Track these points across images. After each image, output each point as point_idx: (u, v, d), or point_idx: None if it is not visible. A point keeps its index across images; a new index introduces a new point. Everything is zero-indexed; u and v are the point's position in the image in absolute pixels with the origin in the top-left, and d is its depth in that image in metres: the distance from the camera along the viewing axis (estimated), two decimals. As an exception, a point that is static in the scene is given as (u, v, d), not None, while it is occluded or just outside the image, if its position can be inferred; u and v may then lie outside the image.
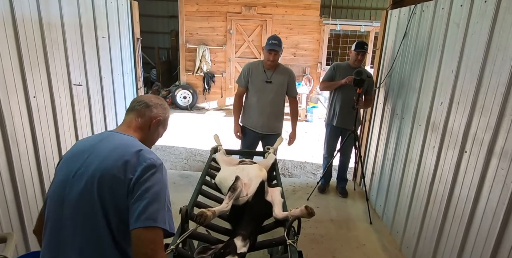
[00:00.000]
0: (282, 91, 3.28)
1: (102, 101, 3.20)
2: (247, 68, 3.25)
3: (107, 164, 1.15)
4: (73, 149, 1.30)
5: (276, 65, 3.23)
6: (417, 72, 2.84)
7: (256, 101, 3.26)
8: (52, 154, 2.50)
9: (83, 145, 1.28)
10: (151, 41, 10.03)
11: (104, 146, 1.23)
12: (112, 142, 1.24)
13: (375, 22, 7.77)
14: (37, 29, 2.25)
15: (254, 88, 3.24)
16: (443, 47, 2.42)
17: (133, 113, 1.37)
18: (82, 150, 1.25)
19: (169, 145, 5.59)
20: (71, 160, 1.23)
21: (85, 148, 1.25)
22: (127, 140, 1.27)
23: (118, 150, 1.19)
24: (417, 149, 2.75)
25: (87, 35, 2.86)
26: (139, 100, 1.40)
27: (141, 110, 1.37)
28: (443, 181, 2.32)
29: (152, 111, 1.38)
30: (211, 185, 2.49)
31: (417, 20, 2.92)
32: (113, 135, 1.29)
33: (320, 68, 8.09)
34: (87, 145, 1.26)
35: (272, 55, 3.09)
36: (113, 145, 1.23)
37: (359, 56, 3.52)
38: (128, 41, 3.73)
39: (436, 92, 2.50)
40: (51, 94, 2.45)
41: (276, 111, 3.33)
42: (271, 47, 3.06)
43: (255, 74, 3.22)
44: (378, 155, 3.71)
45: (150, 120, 1.38)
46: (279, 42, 3.09)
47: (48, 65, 2.39)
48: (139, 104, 1.38)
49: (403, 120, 3.08)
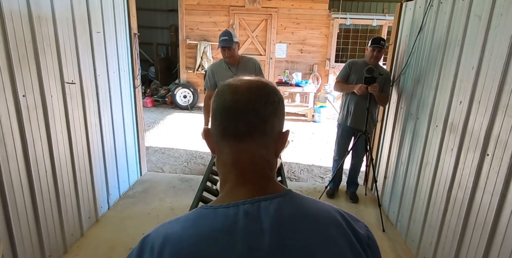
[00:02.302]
0: None
1: (97, 100, 3.18)
2: (210, 70, 3.44)
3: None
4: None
5: (237, 59, 3.36)
6: (434, 69, 2.80)
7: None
8: (43, 157, 2.48)
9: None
10: (149, 37, 10.04)
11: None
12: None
13: (388, 15, 7.69)
14: (26, 23, 2.23)
15: None
16: (463, 42, 2.38)
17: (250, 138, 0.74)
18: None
19: (168, 147, 5.58)
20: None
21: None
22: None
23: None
24: (433, 152, 2.71)
25: (80, 30, 2.84)
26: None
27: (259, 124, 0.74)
28: (463, 186, 2.28)
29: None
30: (213, 191, 2.48)
31: (434, 13, 2.88)
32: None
33: (328, 65, 8.05)
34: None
35: (226, 52, 3.24)
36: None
37: (375, 52, 3.49)
38: (125, 36, 3.71)
39: (454, 90, 2.47)
40: (41, 93, 2.42)
41: None
42: (221, 44, 3.21)
43: (220, 73, 3.36)
44: (391, 158, 3.67)
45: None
46: (230, 36, 3.19)
47: (39, 62, 2.36)
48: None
49: (418, 121, 3.05)
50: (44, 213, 2.50)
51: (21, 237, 2.29)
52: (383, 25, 7.84)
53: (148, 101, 8.41)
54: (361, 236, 0.71)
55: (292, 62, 8.15)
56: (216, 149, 0.77)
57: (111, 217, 3.36)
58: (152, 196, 3.83)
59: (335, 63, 8.07)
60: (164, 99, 8.74)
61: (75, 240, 2.92)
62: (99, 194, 3.26)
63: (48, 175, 2.53)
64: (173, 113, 7.94)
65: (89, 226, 3.14)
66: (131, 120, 3.97)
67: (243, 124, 0.72)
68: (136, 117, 4.09)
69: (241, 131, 0.72)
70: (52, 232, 2.61)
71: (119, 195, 3.75)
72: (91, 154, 3.09)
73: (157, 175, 4.46)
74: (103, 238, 3.02)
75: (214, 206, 0.70)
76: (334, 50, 8.07)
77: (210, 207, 0.70)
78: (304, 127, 7.18)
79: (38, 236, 2.46)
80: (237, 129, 0.72)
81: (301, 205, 0.71)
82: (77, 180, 2.88)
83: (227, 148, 0.74)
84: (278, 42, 8.01)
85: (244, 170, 0.73)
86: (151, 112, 7.94)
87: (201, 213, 0.70)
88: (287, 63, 8.16)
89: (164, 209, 3.58)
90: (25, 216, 2.32)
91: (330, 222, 0.70)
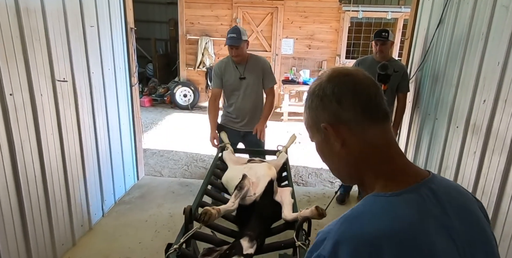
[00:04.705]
0: (259, 85, 3.43)
1: (91, 99, 3.17)
2: (218, 68, 3.41)
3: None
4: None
5: (246, 58, 3.35)
6: (454, 65, 2.78)
7: (234, 100, 3.43)
8: (31, 160, 2.46)
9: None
10: (146, 32, 10.03)
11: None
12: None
13: (404, 7, 7.61)
14: (13, 16, 2.20)
15: (230, 87, 3.40)
16: (487, 35, 2.35)
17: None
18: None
19: (167, 149, 5.57)
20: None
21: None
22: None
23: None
24: (454, 155, 2.69)
25: (72, 24, 2.82)
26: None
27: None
28: (487, 192, 2.25)
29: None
30: (218, 185, 2.61)
31: (456, 4, 2.86)
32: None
33: (338, 62, 8.00)
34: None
35: (233, 51, 3.23)
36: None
37: (378, 46, 3.47)
38: (120, 31, 3.70)
39: (477, 88, 2.45)
40: (30, 91, 2.40)
41: (256, 107, 3.48)
42: (229, 42, 3.20)
43: (228, 72, 3.36)
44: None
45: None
46: (238, 34, 3.19)
47: (27, 58, 2.34)
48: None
49: (436, 121, 3.04)
50: (33, 220, 2.48)
51: (6, 246, 2.27)
52: (398, 18, 7.77)
53: (145, 101, 8.42)
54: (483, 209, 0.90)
55: (299, 58, 8.11)
56: (355, 136, 0.81)
57: (105, 225, 3.34)
58: (149, 202, 3.81)
59: (346, 59, 8.02)
60: (162, 98, 8.75)
61: (66, 250, 2.90)
62: (92, 200, 3.24)
63: (37, 180, 2.51)
64: (172, 113, 7.94)
65: (82, 235, 3.11)
66: (127, 120, 3.95)
67: (384, 105, 0.83)
68: (133, 117, 4.08)
69: (386, 112, 0.83)
70: (41, 242, 2.59)
71: (115, 201, 3.73)
72: (84, 157, 3.07)
73: (155, 180, 4.43)
74: (96, 247, 3.00)
75: (392, 193, 0.76)
76: (345, 46, 8.01)
77: (386, 194, 0.76)
78: (312, 128, 7.13)
79: (25, 246, 2.44)
80: (385, 110, 0.83)
81: (448, 182, 0.87)
82: (69, 185, 2.86)
83: (376, 130, 0.81)
84: (284, 37, 7.99)
85: (397, 149, 0.83)
86: (149, 112, 7.94)
87: (386, 202, 0.75)
88: (294, 59, 8.12)
89: (162, 216, 3.55)
90: (12, 223, 2.30)
91: (466, 193, 0.88)
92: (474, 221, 0.82)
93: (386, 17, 7.77)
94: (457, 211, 0.79)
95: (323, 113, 0.82)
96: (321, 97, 0.82)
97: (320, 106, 0.82)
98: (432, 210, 0.75)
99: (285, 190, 2.28)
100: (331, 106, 0.81)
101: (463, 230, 0.77)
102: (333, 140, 0.82)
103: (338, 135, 0.81)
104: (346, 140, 0.81)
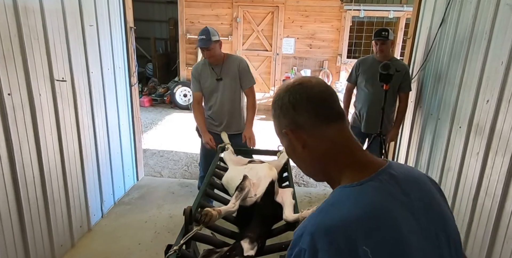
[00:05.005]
0: (237, 86, 3.36)
1: (90, 99, 3.16)
2: (195, 70, 3.36)
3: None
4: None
5: (222, 59, 3.27)
6: (457, 65, 2.77)
7: (212, 102, 3.38)
8: (30, 161, 2.45)
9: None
10: (146, 31, 10.03)
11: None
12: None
13: (406, 6, 7.61)
14: (11, 15, 2.20)
15: (207, 89, 3.34)
16: (491, 34, 2.34)
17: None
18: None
19: (167, 149, 5.57)
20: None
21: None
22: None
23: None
24: (457, 156, 2.68)
25: (71, 23, 2.81)
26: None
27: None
28: (491, 194, 2.23)
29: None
30: (218, 186, 2.61)
31: (459, 2, 2.85)
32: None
33: (340, 62, 8.00)
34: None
35: (205, 53, 3.16)
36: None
37: (378, 45, 3.47)
38: (120, 30, 3.70)
39: (481, 87, 2.43)
40: (29, 91, 2.40)
41: (234, 109, 3.41)
42: (199, 45, 3.14)
43: (205, 75, 3.31)
44: (409, 162, 3.65)
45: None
46: (208, 35, 3.09)
47: (25, 58, 2.34)
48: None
49: (439, 121, 3.03)
50: (31, 221, 2.48)
51: (4, 248, 2.26)
52: (400, 17, 7.76)
53: (145, 100, 8.41)
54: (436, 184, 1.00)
55: (300, 58, 8.10)
56: (313, 137, 0.91)
57: (104, 226, 3.33)
58: (149, 203, 3.80)
59: (347, 59, 8.01)
60: (162, 98, 8.74)
61: (65, 252, 2.89)
62: (91, 201, 3.23)
63: (35, 180, 2.51)
64: (172, 113, 7.93)
65: (81, 236, 3.11)
66: (127, 121, 3.95)
67: (338, 107, 0.92)
68: (133, 117, 4.08)
69: (340, 113, 0.92)
70: (40, 243, 2.58)
71: (114, 202, 3.72)
72: (84, 158, 3.07)
73: (155, 180, 4.43)
74: (95, 249, 2.99)
75: (356, 183, 0.85)
76: (346, 45, 8.00)
77: (352, 185, 0.86)
78: (313, 128, 7.13)
79: (23, 247, 2.43)
80: (339, 111, 0.92)
81: (403, 167, 0.96)
82: (67, 186, 2.86)
83: (333, 129, 0.91)
84: (285, 36, 7.97)
85: (356, 144, 0.93)
86: (148, 112, 7.94)
87: (351, 191, 0.85)
88: (295, 59, 8.12)
89: (162, 216, 3.55)
90: (10, 225, 2.30)
91: (420, 174, 0.99)
92: (430, 199, 0.93)
93: (388, 16, 7.76)
94: (415, 191, 0.90)
95: (284, 120, 0.93)
96: (280, 106, 0.94)
97: (281, 114, 0.94)
98: (392, 192, 0.85)
99: (286, 191, 2.26)
100: (289, 113, 0.92)
101: (421, 207, 0.88)
102: (295, 143, 0.93)
103: (298, 138, 0.91)
104: (307, 141, 0.91)
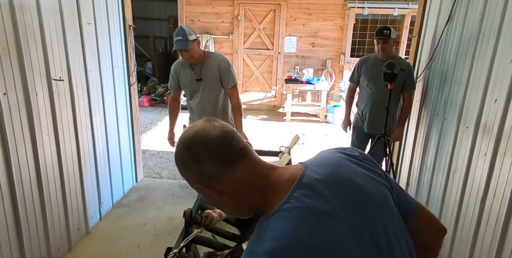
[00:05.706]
0: (217, 86, 3.31)
1: (88, 99, 3.16)
2: (174, 69, 3.34)
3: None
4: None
5: (201, 58, 3.22)
6: (464, 63, 2.75)
7: (193, 102, 3.39)
8: (26, 162, 2.45)
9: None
10: (145, 29, 10.02)
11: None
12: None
13: (411, 3, 7.57)
14: (7, 12, 2.19)
15: (187, 89, 3.34)
16: (499, 32, 2.31)
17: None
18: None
19: (166, 150, 5.54)
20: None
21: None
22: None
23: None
24: (463, 157, 2.66)
25: (69, 21, 2.81)
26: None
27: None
28: (499, 196, 2.21)
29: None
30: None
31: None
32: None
33: (343, 60, 7.98)
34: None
35: (184, 54, 3.10)
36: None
37: (380, 44, 3.45)
38: (119, 28, 3.70)
39: (488, 87, 2.41)
40: (25, 90, 2.40)
41: (218, 110, 3.38)
42: (176, 47, 3.07)
43: (184, 74, 3.28)
44: (414, 163, 3.63)
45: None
46: (184, 36, 3.02)
47: (22, 56, 2.34)
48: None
49: (445, 121, 3.01)
50: (28, 224, 2.47)
51: (0, 252, 2.25)
52: (405, 14, 7.74)
53: (144, 100, 8.41)
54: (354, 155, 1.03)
55: (302, 57, 8.09)
56: (225, 183, 0.92)
57: (103, 229, 3.33)
58: (148, 205, 3.80)
59: (351, 58, 7.99)
60: (162, 98, 8.74)
61: (62, 255, 2.89)
62: (89, 203, 3.23)
63: (32, 182, 2.50)
64: (172, 113, 7.91)
65: (78, 239, 3.10)
66: (125, 121, 3.95)
67: (237, 144, 0.92)
68: (132, 117, 4.08)
69: (240, 149, 0.93)
70: (36, 246, 2.58)
71: (112, 203, 3.72)
72: (81, 159, 3.06)
73: (154, 182, 4.43)
74: (93, 252, 2.98)
75: (272, 213, 0.88)
76: (350, 44, 7.98)
77: (270, 214, 0.88)
78: (316, 128, 7.13)
79: (20, 250, 2.43)
80: (238, 149, 0.92)
81: (320, 161, 1.01)
82: (65, 187, 2.85)
83: (240, 167, 0.91)
84: (287, 35, 7.96)
85: (265, 167, 0.95)
86: (148, 112, 7.94)
87: (267, 223, 0.87)
88: (297, 58, 8.10)
89: (162, 219, 3.54)
90: (5, 227, 2.29)
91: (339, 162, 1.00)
92: (357, 191, 0.93)
93: (392, 13, 7.73)
94: (336, 191, 0.91)
95: (192, 176, 0.94)
96: (183, 163, 0.94)
97: (187, 170, 0.94)
98: (311, 206, 0.87)
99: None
100: (194, 168, 0.92)
101: (347, 207, 0.89)
102: (210, 193, 0.93)
103: (211, 188, 0.92)
104: (220, 188, 0.92)
